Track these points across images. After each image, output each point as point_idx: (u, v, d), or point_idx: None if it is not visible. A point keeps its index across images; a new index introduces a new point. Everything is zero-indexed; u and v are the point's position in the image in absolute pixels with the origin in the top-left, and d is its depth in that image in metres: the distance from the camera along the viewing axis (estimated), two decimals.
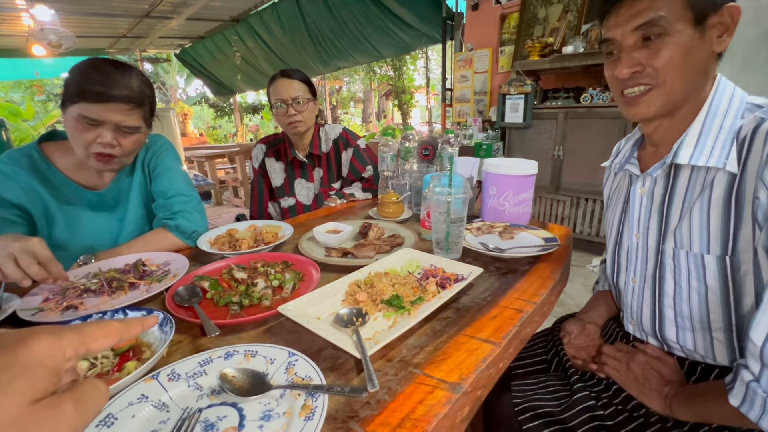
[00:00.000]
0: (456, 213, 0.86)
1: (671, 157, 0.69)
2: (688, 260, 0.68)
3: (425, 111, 11.19)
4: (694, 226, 0.67)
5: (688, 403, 0.65)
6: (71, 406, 0.26)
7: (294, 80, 1.46)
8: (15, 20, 5.03)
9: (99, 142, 0.91)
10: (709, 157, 0.64)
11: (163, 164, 1.12)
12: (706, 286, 0.67)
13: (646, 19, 0.63)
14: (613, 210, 0.88)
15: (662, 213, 0.73)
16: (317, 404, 0.44)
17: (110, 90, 0.88)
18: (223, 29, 6.06)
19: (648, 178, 0.75)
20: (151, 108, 1.00)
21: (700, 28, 0.62)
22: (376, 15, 4.17)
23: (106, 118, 0.89)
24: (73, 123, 0.89)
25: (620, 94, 0.72)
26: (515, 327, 0.63)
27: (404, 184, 1.33)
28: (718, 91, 0.67)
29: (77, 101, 0.87)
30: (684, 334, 0.72)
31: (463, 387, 0.49)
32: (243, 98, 14.00)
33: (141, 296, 0.75)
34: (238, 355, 0.54)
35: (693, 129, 0.67)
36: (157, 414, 0.45)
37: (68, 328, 0.29)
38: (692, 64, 0.64)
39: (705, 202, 0.65)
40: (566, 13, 3.08)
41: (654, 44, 0.64)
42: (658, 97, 0.67)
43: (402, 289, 0.71)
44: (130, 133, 0.95)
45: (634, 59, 0.66)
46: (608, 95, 2.72)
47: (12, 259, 0.69)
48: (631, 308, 0.81)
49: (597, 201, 2.91)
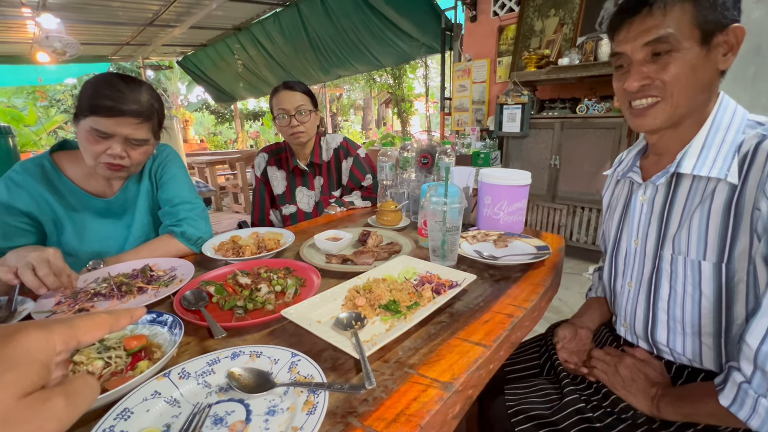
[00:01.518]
0: (451, 222, 0.89)
1: (674, 166, 0.72)
2: (685, 266, 0.71)
3: (424, 119, 11.28)
4: (693, 234, 0.70)
5: (675, 404, 0.69)
6: (62, 400, 0.26)
7: (296, 92, 1.51)
8: (20, 28, 5.11)
9: (109, 154, 0.95)
10: (711, 168, 0.68)
11: (169, 173, 1.16)
12: (700, 291, 0.70)
13: (655, 36, 0.67)
14: (611, 216, 0.91)
15: (662, 220, 0.76)
16: (318, 400, 0.47)
17: (120, 105, 0.92)
18: (225, 37, 6.15)
19: (650, 185, 0.78)
20: (159, 121, 1.04)
21: (706, 46, 0.66)
22: (376, 25, 4.25)
23: (116, 131, 0.93)
24: (85, 135, 0.94)
25: (628, 106, 0.76)
26: (506, 331, 0.66)
27: (402, 193, 1.37)
28: (721, 107, 0.71)
29: (89, 115, 0.92)
30: (675, 337, 0.75)
31: (454, 386, 0.53)
32: (244, 105, 14.10)
33: (149, 300, 0.78)
34: (244, 356, 0.57)
35: (696, 141, 0.71)
36: (170, 409, 0.49)
37: (58, 322, 0.29)
38: (698, 80, 0.68)
39: (705, 211, 0.69)
40: (562, 26, 3.15)
41: (663, 60, 0.68)
42: (665, 109, 0.70)
43: (399, 295, 0.74)
44: (138, 145, 0.99)
45: (643, 73, 0.70)
46: (603, 106, 2.77)
47: (30, 268, 0.73)
48: (625, 311, 0.84)
49: (593, 209, 2.96)
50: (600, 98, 2.85)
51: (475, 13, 3.72)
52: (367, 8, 4.10)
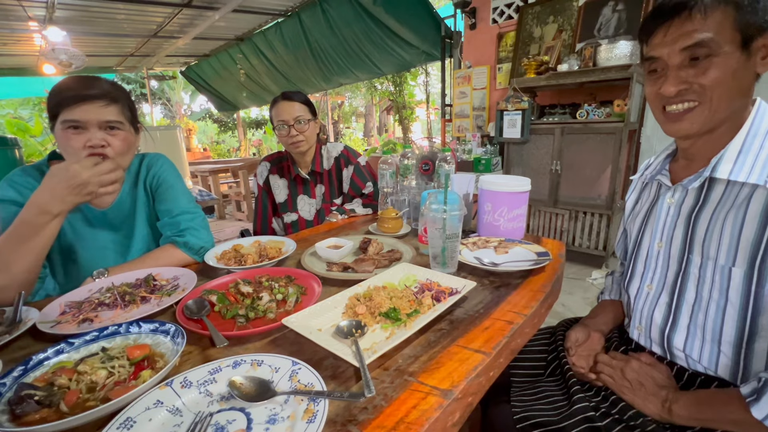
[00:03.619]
0: (451, 229, 0.90)
1: (709, 170, 0.71)
2: (714, 272, 0.70)
3: (426, 125, 11.33)
4: (724, 239, 0.69)
5: (690, 408, 0.68)
6: None
7: (295, 102, 1.53)
8: (27, 41, 5.20)
9: (89, 145, 0.96)
10: (750, 174, 0.67)
11: (166, 183, 1.16)
12: (726, 298, 0.69)
13: (695, 41, 0.65)
14: (633, 219, 0.91)
15: (689, 224, 0.75)
16: (319, 408, 0.48)
17: (83, 91, 0.95)
18: (227, 48, 6.24)
19: (679, 189, 0.78)
20: (130, 108, 1.05)
21: (746, 50, 0.65)
22: (376, 33, 4.30)
23: (87, 117, 0.95)
24: (62, 134, 0.95)
25: (662, 111, 0.74)
26: (505, 338, 0.67)
27: (403, 200, 1.38)
28: (759, 113, 0.71)
29: (59, 111, 0.94)
30: (692, 342, 0.74)
31: (454, 393, 0.53)
32: (246, 113, 14.22)
33: (152, 309, 0.78)
34: (245, 364, 0.57)
35: (733, 146, 0.70)
36: (172, 418, 0.49)
37: None
38: (737, 84, 0.67)
39: (740, 217, 0.67)
40: (561, 33, 3.17)
41: (702, 64, 0.66)
42: (702, 114, 0.69)
43: (399, 303, 0.75)
44: (115, 128, 1.00)
45: (681, 77, 0.68)
46: (603, 111, 2.78)
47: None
48: (641, 314, 0.83)
49: (595, 214, 2.95)
50: (600, 103, 2.86)
51: (474, 20, 3.76)
52: (367, 17, 4.16)
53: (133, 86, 13.19)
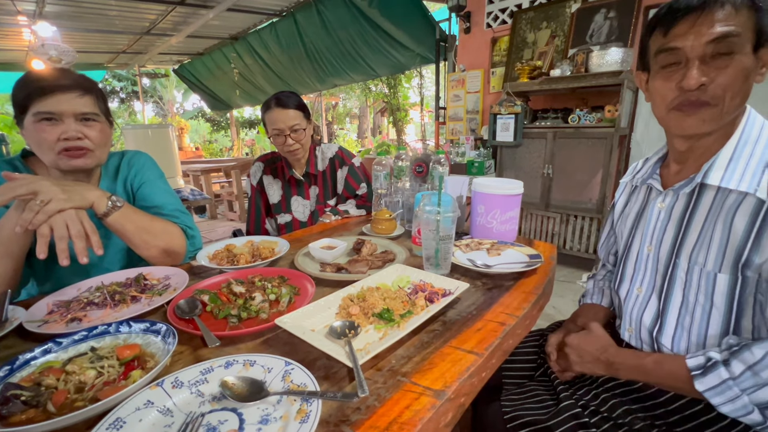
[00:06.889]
0: (445, 231, 0.90)
1: (701, 176, 0.72)
2: (701, 277, 0.72)
3: (420, 128, 11.37)
4: (713, 245, 0.70)
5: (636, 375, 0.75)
6: None
7: (289, 109, 1.50)
8: (16, 36, 5.11)
9: (64, 138, 0.92)
10: (740, 182, 0.67)
11: (149, 181, 1.13)
12: (711, 302, 0.71)
13: (723, 32, 0.63)
14: (623, 222, 0.92)
15: (679, 228, 0.76)
16: (312, 409, 0.48)
17: (55, 82, 0.91)
18: (221, 46, 6.20)
19: (670, 193, 0.79)
20: (103, 100, 1.01)
21: (755, 55, 0.65)
22: (371, 36, 4.31)
23: (62, 108, 0.91)
24: (34, 128, 0.91)
25: (672, 107, 0.72)
26: (498, 339, 0.67)
27: (397, 202, 1.38)
28: (749, 121, 0.72)
29: (29, 104, 0.90)
30: (679, 344, 0.77)
31: (446, 394, 0.53)
32: (240, 113, 14.14)
33: (143, 309, 0.77)
34: (238, 365, 0.57)
35: (724, 153, 0.70)
36: (162, 418, 0.49)
37: None
38: (747, 88, 0.67)
39: (728, 224, 0.68)
40: (554, 38, 3.21)
41: (722, 61, 0.65)
42: (714, 113, 0.68)
43: (392, 303, 0.75)
44: (91, 120, 0.96)
45: (704, 71, 0.66)
46: (594, 116, 2.82)
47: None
48: (631, 316, 0.85)
49: (586, 218, 2.99)
50: (591, 109, 2.90)
51: (468, 24, 3.79)
52: (363, 19, 4.16)
53: (124, 83, 13.04)
